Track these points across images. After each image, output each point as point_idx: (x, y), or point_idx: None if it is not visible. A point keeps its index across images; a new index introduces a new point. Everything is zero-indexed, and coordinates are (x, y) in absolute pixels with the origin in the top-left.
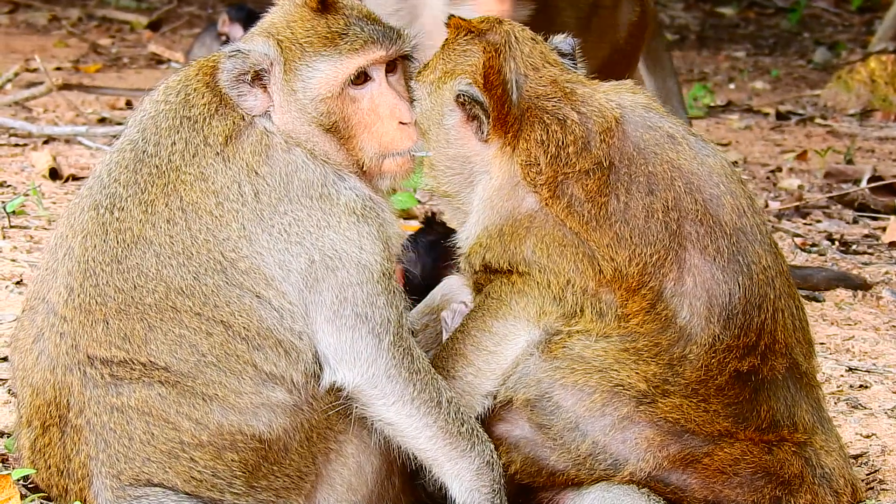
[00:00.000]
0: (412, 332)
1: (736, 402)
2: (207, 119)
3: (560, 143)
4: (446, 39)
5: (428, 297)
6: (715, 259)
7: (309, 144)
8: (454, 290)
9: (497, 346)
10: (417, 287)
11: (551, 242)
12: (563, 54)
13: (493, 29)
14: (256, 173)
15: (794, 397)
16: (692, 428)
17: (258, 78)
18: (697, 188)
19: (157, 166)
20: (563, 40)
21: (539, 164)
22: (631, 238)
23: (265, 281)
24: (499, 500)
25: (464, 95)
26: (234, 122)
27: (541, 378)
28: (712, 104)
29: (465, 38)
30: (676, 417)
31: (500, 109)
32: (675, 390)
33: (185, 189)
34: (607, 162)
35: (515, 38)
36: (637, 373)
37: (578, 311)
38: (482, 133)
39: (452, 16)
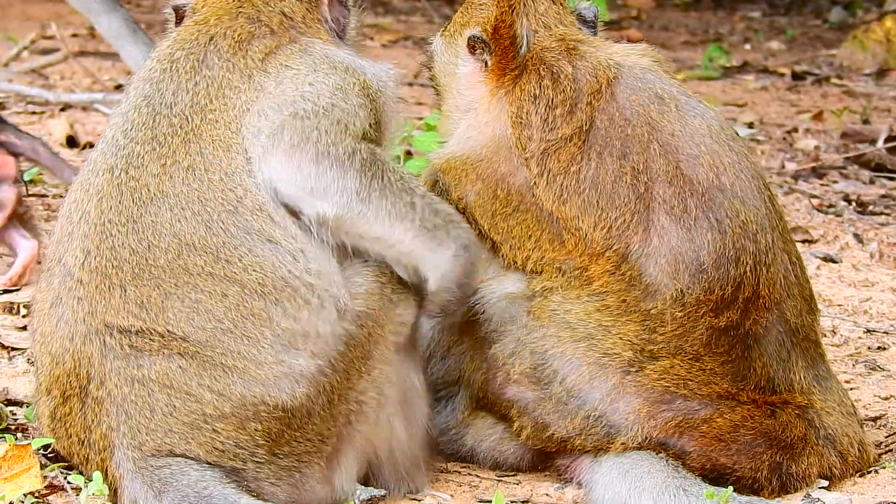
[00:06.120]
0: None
1: (730, 360)
2: (243, 45)
3: (550, 103)
4: None
5: None
6: (681, 218)
7: None
8: None
9: None
10: None
11: (528, 227)
12: (584, 21)
13: None
14: (287, 66)
15: (788, 353)
16: (685, 393)
17: None
18: (674, 149)
19: (178, 115)
20: (587, 7)
21: (531, 127)
22: (598, 203)
23: (270, 218)
24: (467, 280)
25: (473, 39)
26: (278, 42)
27: (534, 348)
28: (728, 65)
29: None
30: (666, 384)
31: (503, 58)
32: (660, 350)
33: (208, 128)
34: (588, 125)
35: None
36: (620, 338)
37: (537, 273)
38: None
39: None
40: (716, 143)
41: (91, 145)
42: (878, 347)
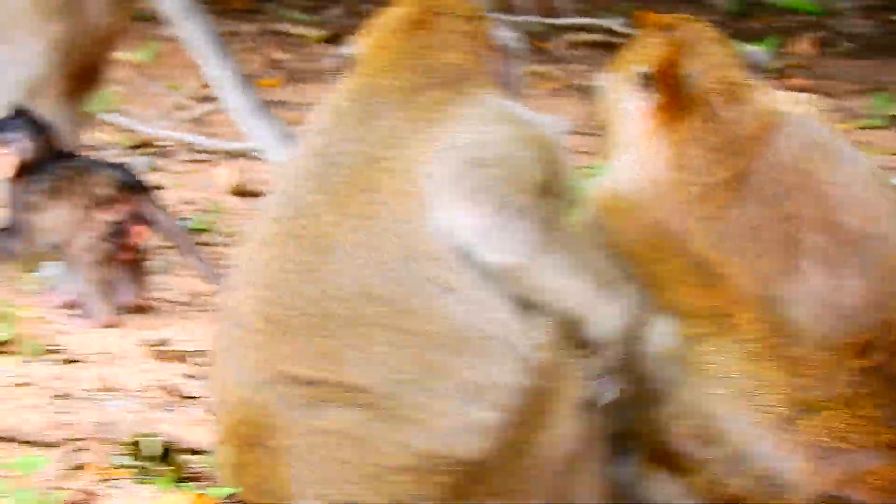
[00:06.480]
0: None
1: (885, 405)
2: (411, 95)
3: (710, 146)
4: (639, 34)
5: None
6: (830, 265)
7: None
8: None
9: None
10: None
11: (679, 271)
12: (750, 65)
13: (682, 27)
14: (458, 116)
15: None
16: (847, 446)
17: None
18: (828, 197)
19: (349, 165)
20: (754, 52)
21: (689, 170)
22: (747, 248)
23: (448, 267)
24: (631, 341)
25: (640, 76)
26: (447, 93)
27: (696, 408)
28: (894, 113)
29: (655, 32)
30: (827, 437)
31: (669, 97)
32: (813, 399)
33: (379, 177)
34: (745, 171)
35: (701, 38)
36: (774, 391)
37: (686, 319)
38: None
39: (646, 13)
40: (871, 191)
41: (256, 194)
42: None
